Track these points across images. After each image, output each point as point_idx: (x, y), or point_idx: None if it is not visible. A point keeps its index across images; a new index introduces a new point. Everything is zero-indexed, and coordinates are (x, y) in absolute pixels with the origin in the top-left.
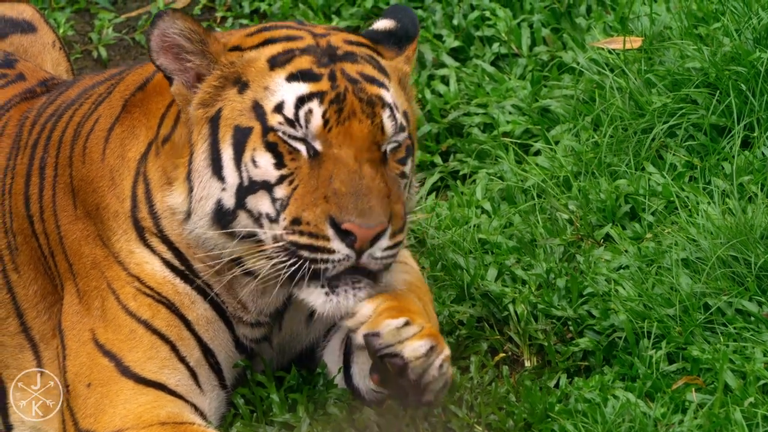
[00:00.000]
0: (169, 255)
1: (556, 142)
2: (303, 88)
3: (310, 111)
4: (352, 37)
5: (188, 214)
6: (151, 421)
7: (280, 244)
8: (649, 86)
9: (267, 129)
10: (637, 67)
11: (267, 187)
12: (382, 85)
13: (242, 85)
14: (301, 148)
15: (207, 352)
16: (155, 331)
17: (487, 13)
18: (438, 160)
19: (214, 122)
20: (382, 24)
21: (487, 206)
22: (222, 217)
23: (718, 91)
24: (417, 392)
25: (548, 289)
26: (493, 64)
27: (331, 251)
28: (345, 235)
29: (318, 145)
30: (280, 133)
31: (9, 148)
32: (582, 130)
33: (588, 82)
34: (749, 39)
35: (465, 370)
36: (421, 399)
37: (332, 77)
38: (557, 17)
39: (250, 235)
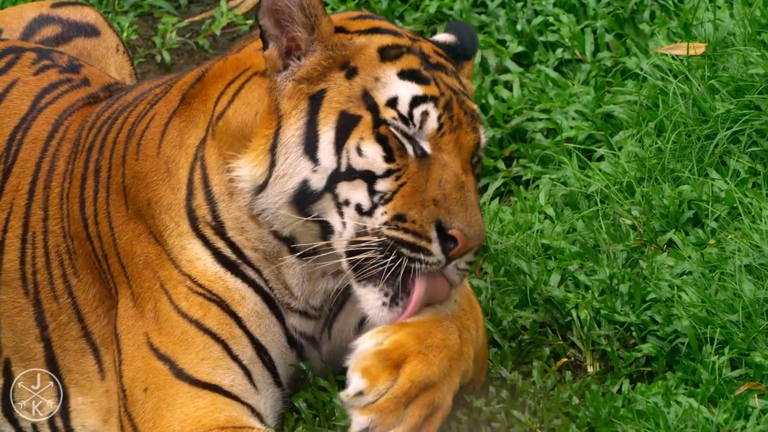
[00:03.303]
0: (221, 244)
1: (620, 148)
2: (417, 88)
3: (426, 113)
4: (438, 49)
5: (262, 188)
6: (210, 426)
7: (380, 239)
8: (713, 92)
9: (379, 121)
10: (701, 73)
11: (368, 177)
12: (472, 101)
13: (350, 71)
14: (409, 147)
15: (259, 349)
16: (207, 331)
17: (551, 19)
18: (501, 165)
19: (316, 101)
20: (442, 37)
21: (550, 212)
22: (303, 198)
23: None
24: None
25: (611, 295)
26: (556, 69)
27: (429, 253)
28: (446, 241)
29: (427, 147)
30: (392, 128)
31: (69, 152)
32: (645, 136)
33: (651, 88)
34: None
35: (527, 375)
36: None
37: (438, 84)
38: (621, 23)
39: (322, 222)
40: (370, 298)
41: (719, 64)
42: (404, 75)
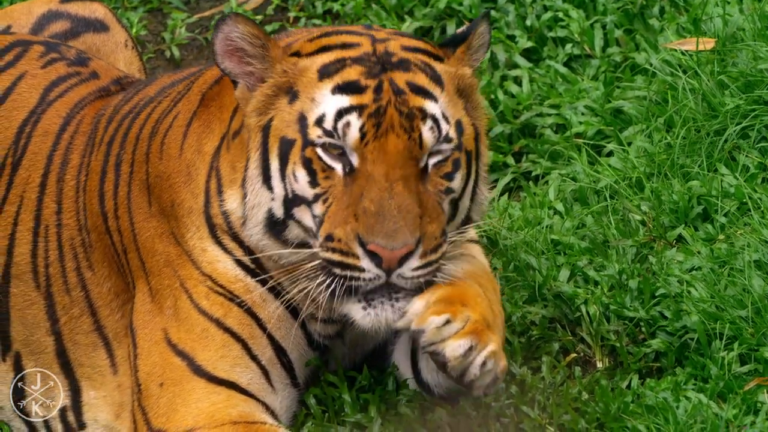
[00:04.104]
0: (240, 253)
1: (629, 143)
2: (344, 101)
3: (348, 124)
4: (412, 43)
5: (244, 220)
6: (222, 420)
7: (316, 262)
8: (722, 88)
9: (306, 143)
10: (710, 69)
11: (306, 202)
12: (428, 95)
13: (293, 96)
14: (337, 165)
15: (279, 350)
16: (227, 330)
17: (560, 14)
18: (510, 160)
19: (266, 132)
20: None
21: (560, 207)
22: (274, 226)
23: None
24: (462, 386)
25: (620, 290)
26: (565, 65)
27: (361, 269)
28: (372, 256)
29: (354, 160)
30: (318, 149)
31: (84, 145)
32: (655, 132)
33: (661, 83)
34: None
35: (536, 371)
36: (469, 393)
37: (378, 89)
38: (630, 18)
39: (304, 244)
40: (351, 313)
41: (729, 59)
42: (338, 89)
